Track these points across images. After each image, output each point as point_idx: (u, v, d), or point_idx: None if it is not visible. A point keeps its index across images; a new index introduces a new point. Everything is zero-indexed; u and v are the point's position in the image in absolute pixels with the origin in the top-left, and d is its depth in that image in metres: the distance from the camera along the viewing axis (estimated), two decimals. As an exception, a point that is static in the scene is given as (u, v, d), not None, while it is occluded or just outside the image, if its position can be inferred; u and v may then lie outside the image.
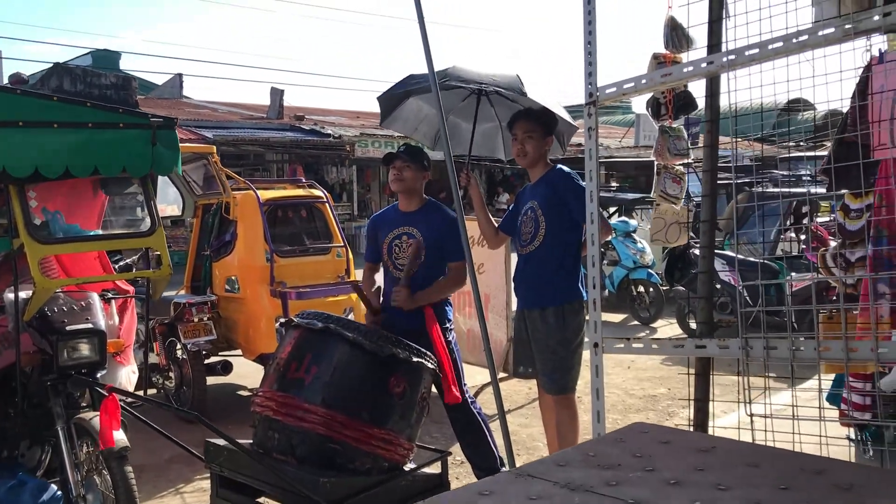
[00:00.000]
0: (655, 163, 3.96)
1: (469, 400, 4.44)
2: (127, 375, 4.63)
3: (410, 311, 4.27)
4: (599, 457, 1.59)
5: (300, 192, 7.25)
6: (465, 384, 4.48)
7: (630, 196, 12.49)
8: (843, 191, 3.57)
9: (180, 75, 30.76)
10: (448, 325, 4.43)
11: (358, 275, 7.07)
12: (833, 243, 4.17)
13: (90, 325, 3.97)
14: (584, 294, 4.35)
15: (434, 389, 4.10)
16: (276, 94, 26.48)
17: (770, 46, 2.19)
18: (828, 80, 2.33)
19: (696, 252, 10.62)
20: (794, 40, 2.14)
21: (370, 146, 23.42)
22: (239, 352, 6.76)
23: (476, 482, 1.53)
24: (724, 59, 2.32)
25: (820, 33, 2.08)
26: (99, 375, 4.03)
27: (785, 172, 11.08)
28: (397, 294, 4.27)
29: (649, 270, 10.67)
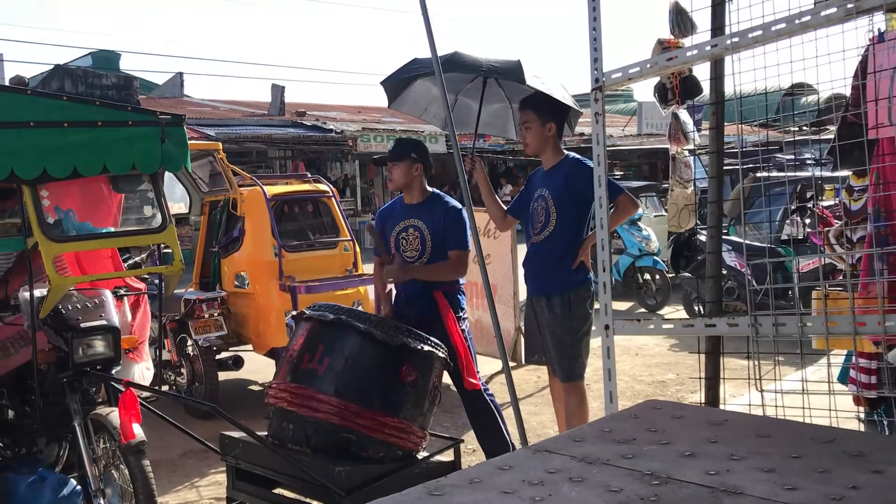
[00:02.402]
0: (670, 149, 3.99)
1: (482, 388, 4.48)
2: (141, 372, 4.69)
3: (425, 298, 4.31)
4: (614, 432, 1.63)
5: (306, 186, 7.29)
6: (478, 372, 4.52)
7: (635, 184, 12.51)
8: (846, 172, 3.60)
9: (181, 74, 30.75)
10: (462, 313, 4.46)
11: (368, 269, 7.13)
12: (837, 224, 4.21)
13: (104, 322, 4.01)
14: (593, 283, 4.39)
15: (446, 379, 4.14)
16: (277, 91, 26.49)
17: (773, 28, 2.21)
18: (831, 59, 2.36)
19: (702, 239, 10.66)
20: (797, 21, 2.17)
21: (372, 141, 23.42)
22: (250, 347, 6.81)
23: (495, 458, 1.57)
24: (728, 42, 2.34)
25: (822, 13, 2.11)
26: (114, 372, 4.09)
27: (789, 156, 11.09)
28: (389, 269, 4.34)
29: (655, 258, 10.69)
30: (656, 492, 1.30)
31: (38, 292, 3.82)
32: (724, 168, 3.38)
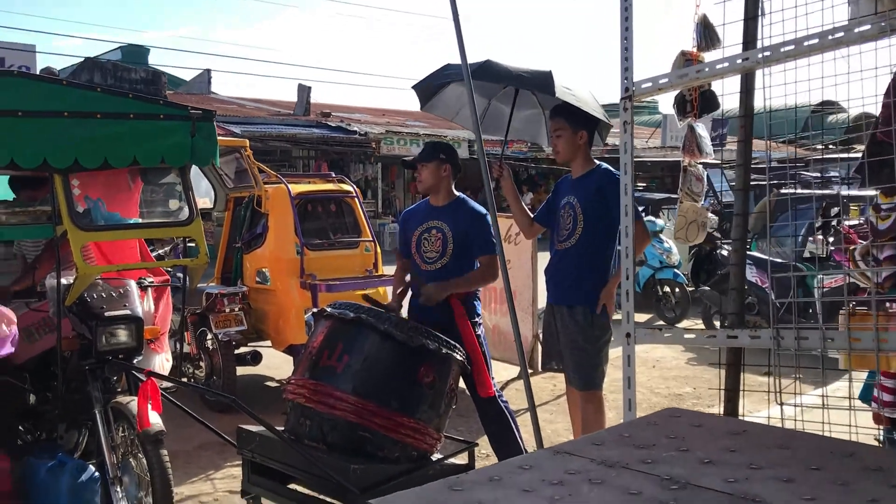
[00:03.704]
0: (682, 160, 3.99)
1: (497, 394, 4.48)
2: (161, 362, 4.73)
3: (440, 304, 4.32)
4: (634, 437, 1.64)
5: (330, 186, 7.35)
6: (493, 378, 4.53)
7: (657, 196, 12.48)
8: (873, 192, 3.58)
9: (209, 71, 31.01)
10: (477, 319, 4.48)
11: (388, 270, 7.17)
12: (862, 243, 4.18)
13: (128, 312, 4.07)
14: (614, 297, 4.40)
15: (461, 384, 4.15)
16: (304, 91, 26.64)
17: (805, 43, 2.22)
18: (863, 76, 2.35)
19: (724, 253, 10.60)
20: (830, 37, 2.17)
21: (395, 143, 23.51)
22: (268, 342, 6.86)
23: (515, 457, 1.58)
24: (760, 56, 2.35)
25: (856, 30, 2.11)
26: (135, 361, 4.14)
27: (814, 174, 11.02)
28: (425, 291, 4.32)
29: (675, 270, 10.65)
30: (675, 496, 1.31)
31: (64, 280, 3.87)
32: (750, 183, 3.38)
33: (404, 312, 4.55)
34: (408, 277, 4.69)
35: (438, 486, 1.38)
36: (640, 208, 8.78)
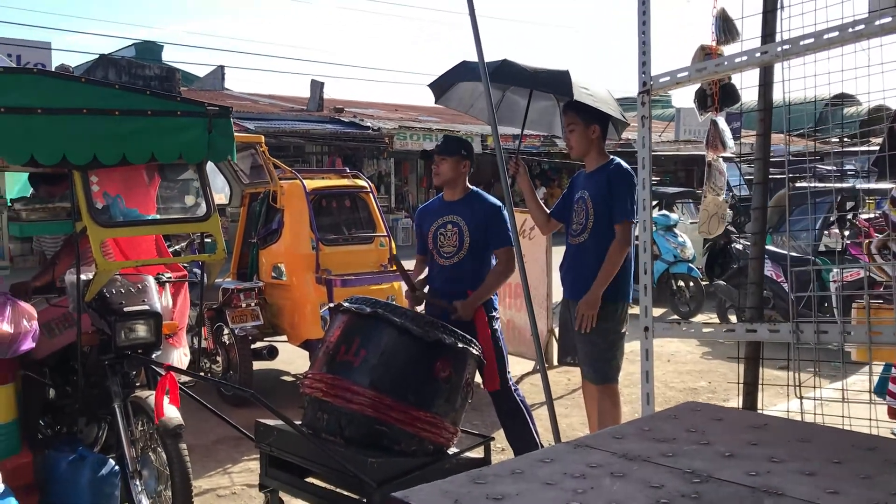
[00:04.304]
0: (707, 156, 3.97)
1: (512, 387, 4.49)
2: (179, 357, 4.77)
3: (457, 298, 4.33)
4: (654, 431, 1.64)
5: (345, 181, 7.37)
6: (508, 372, 4.54)
7: (671, 190, 12.44)
8: (890, 185, 3.56)
9: (222, 67, 31.15)
10: (494, 313, 4.48)
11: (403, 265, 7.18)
12: (878, 237, 4.16)
13: (147, 307, 4.10)
14: (629, 292, 4.40)
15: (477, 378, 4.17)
16: (317, 87, 26.72)
17: (825, 36, 2.21)
18: (884, 69, 2.34)
19: (738, 247, 10.55)
20: (851, 30, 2.16)
21: (409, 139, 23.53)
22: (284, 337, 6.90)
23: (536, 451, 1.60)
24: (779, 49, 2.34)
25: (877, 23, 2.09)
26: (154, 356, 4.17)
27: (830, 167, 10.94)
28: (458, 310, 4.32)
29: (690, 265, 10.62)
30: (697, 489, 1.32)
31: (83, 276, 3.91)
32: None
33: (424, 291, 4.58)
34: (425, 272, 4.71)
35: (461, 479, 1.39)
36: (654, 203, 8.66)
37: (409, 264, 4.78)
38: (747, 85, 3.14)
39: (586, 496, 1.30)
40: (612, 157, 4.46)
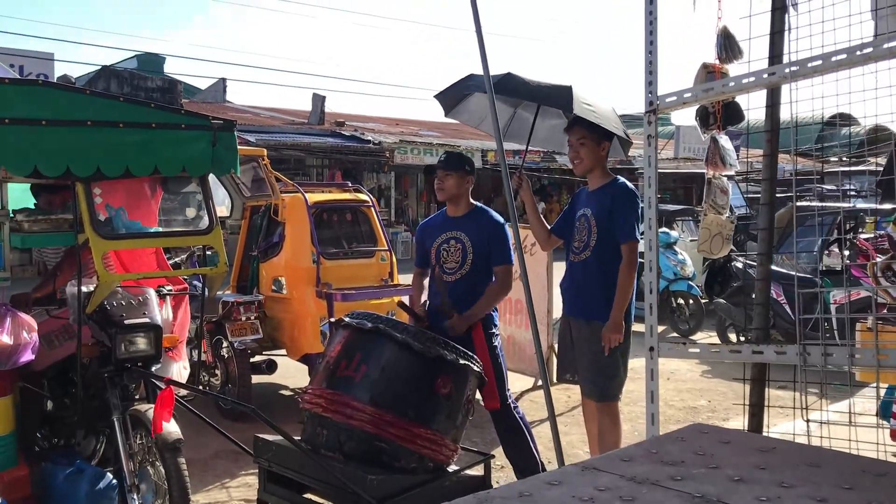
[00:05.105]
0: (707, 173, 3.97)
1: (511, 405, 4.48)
2: (178, 370, 4.75)
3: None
4: (662, 454, 1.63)
5: (346, 195, 7.37)
6: (508, 389, 4.52)
7: (671, 207, 12.45)
8: (891, 206, 3.56)
9: (224, 80, 31.20)
10: (494, 330, 4.47)
11: (402, 279, 7.17)
12: (879, 258, 4.16)
13: (147, 320, 4.09)
14: (633, 311, 4.39)
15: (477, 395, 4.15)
16: (318, 100, 26.79)
17: (833, 58, 2.21)
18: (893, 92, 2.34)
19: (738, 265, 10.51)
20: (859, 52, 2.17)
21: (409, 153, 23.56)
22: (283, 351, 6.88)
23: (543, 473, 1.58)
24: (787, 70, 2.35)
25: (885, 46, 2.10)
26: (154, 369, 4.15)
27: (830, 186, 10.96)
28: (452, 324, 4.32)
29: (690, 282, 10.62)
30: (707, 515, 1.31)
31: (84, 288, 3.89)
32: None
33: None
34: (425, 295, 4.71)
35: (469, 501, 1.37)
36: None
37: (406, 279, 4.77)
38: (753, 106, 3.15)
39: (595, 520, 1.29)
40: (616, 175, 4.46)
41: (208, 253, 4.73)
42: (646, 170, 2.84)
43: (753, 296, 3.42)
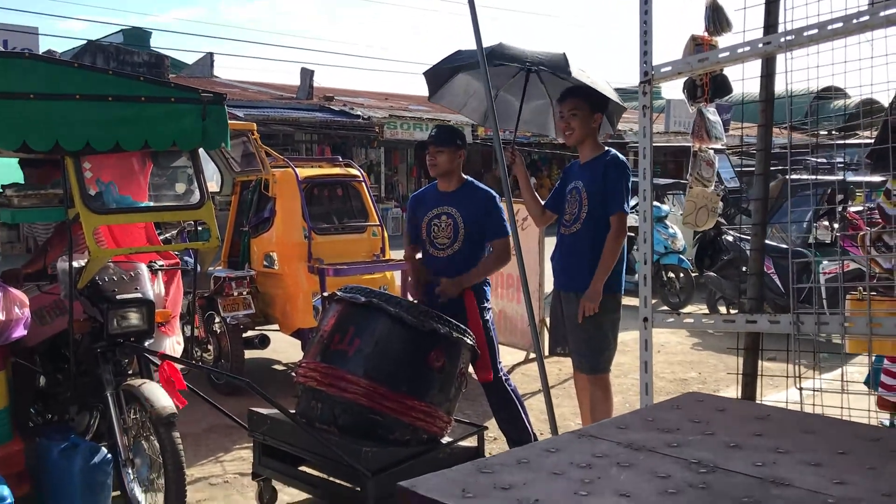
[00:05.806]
0: (692, 146, 3.97)
1: (503, 377, 4.50)
2: (171, 345, 4.74)
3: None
4: (658, 421, 1.64)
5: (337, 170, 7.34)
6: (500, 362, 4.55)
7: (662, 181, 12.46)
8: (882, 177, 3.57)
9: (211, 54, 30.89)
10: (486, 304, 4.48)
11: (393, 255, 7.17)
12: (868, 229, 4.18)
13: (139, 295, 4.07)
14: (623, 283, 4.40)
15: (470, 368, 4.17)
16: (306, 75, 26.56)
17: (829, 27, 2.21)
18: (888, 60, 2.34)
19: (728, 239, 10.54)
20: (855, 21, 2.16)
21: (399, 128, 23.44)
22: (276, 326, 6.88)
23: (540, 440, 1.59)
24: (782, 40, 2.34)
25: (881, 14, 2.10)
26: (146, 344, 4.15)
27: (820, 159, 10.97)
28: (443, 287, 4.32)
29: (680, 256, 10.66)
30: (704, 479, 1.32)
31: (76, 263, 3.87)
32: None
33: None
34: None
35: (468, 468, 1.38)
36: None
37: (397, 254, 4.77)
38: (747, 76, 3.13)
39: (594, 486, 1.30)
40: (607, 148, 4.45)
41: (199, 228, 4.71)
42: (641, 140, 2.83)
43: (744, 269, 3.43)
